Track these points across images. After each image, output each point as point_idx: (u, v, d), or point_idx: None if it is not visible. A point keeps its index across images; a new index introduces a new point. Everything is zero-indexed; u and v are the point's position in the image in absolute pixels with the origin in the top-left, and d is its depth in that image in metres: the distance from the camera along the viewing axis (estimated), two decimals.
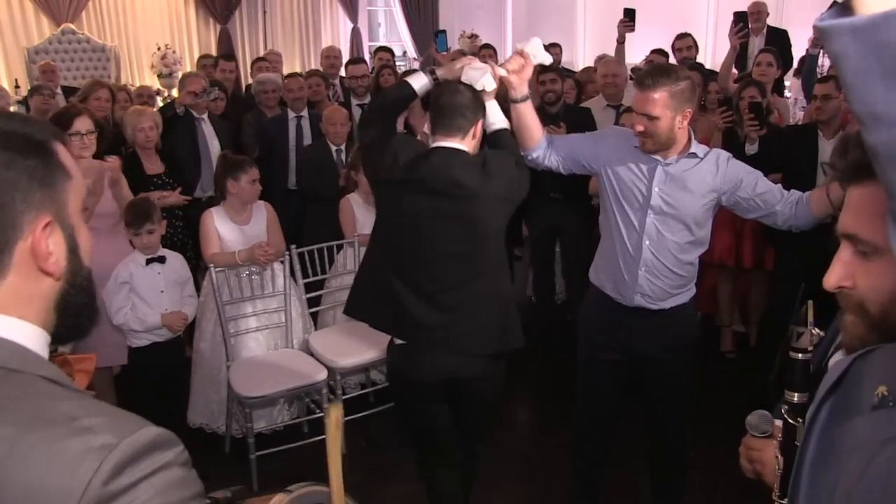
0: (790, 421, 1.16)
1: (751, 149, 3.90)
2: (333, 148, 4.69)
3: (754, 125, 3.89)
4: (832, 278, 0.99)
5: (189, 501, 0.84)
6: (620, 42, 5.67)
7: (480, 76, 2.43)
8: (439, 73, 2.56)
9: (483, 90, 2.45)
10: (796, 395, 1.17)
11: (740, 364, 4.57)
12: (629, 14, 5.75)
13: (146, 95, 5.84)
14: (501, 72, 2.50)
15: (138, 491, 0.79)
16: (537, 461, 3.63)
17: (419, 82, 2.54)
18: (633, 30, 5.75)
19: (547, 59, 2.57)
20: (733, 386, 4.27)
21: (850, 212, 0.97)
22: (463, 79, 2.45)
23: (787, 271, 4.08)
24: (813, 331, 1.18)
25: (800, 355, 1.18)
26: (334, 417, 1.87)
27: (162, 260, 3.39)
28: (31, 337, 0.90)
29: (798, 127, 4.13)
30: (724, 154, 2.64)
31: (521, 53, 2.52)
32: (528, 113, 2.64)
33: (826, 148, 3.88)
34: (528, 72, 2.54)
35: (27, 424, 0.79)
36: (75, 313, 0.96)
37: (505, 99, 2.62)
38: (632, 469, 3.35)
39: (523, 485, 3.46)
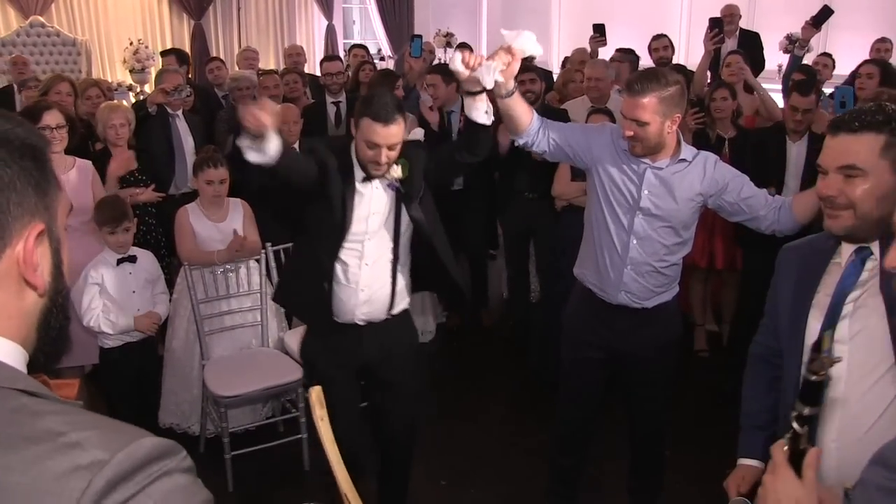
0: (797, 429, 1.28)
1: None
2: None
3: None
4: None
5: None
6: (594, 57, 5.72)
7: (486, 73, 2.33)
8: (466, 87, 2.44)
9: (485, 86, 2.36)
10: (807, 408, 1.29)
11: (714, 363, 4.62)
12: (599, 29, 5.83)
13: (104, 88, 5.68)
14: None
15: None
16: (512, 459, 3.64)
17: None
18: (604, 44, 5.86)
19: (538, 52, 2.39)
20: (707, 385, 4.32)
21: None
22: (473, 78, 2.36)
23: (755, 272, 4.14)
24: (826, 357, 1.32)
25: (813, 377, 1.31)
26: (315, 397, 1.91)
27: (133, 259, 3.34)
28: (9, 353, 0.81)
29: (769, 129, 4.24)
30: (712, 157, 2.65)
31: (507, 50, 2.34)
32: (516, 105, 2.52)
33: (793, 149, 4.00)
34: (515, 67, 2.38)
35: (4, 445, 0.71)
36: (55, 336, 0.88)
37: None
38: (608, 466, 3.38)
39: (498, 483, 3.46)
